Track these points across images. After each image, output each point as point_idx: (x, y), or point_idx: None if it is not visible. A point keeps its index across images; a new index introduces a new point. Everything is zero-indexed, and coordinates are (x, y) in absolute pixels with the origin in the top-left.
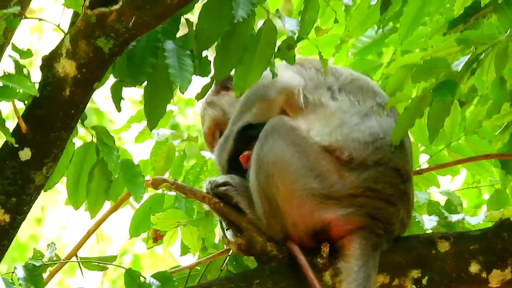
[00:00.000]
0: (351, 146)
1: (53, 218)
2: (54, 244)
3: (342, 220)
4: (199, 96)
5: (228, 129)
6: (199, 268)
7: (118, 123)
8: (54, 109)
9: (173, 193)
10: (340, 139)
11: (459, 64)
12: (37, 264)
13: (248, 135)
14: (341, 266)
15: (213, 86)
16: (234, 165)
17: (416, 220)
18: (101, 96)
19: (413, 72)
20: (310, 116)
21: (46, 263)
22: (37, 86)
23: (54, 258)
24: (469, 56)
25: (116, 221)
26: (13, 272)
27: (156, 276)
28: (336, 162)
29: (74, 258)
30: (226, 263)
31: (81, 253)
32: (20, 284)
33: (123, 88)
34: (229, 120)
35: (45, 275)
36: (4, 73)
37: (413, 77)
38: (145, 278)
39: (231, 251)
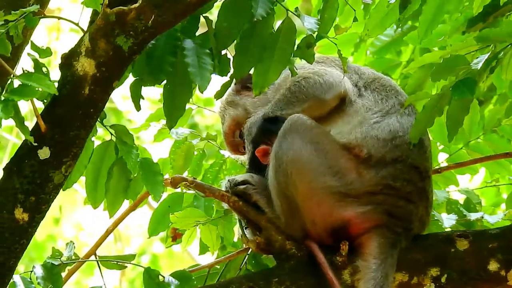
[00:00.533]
0: (370, 143)
1: (71, 217)
2: (73, 243)
3: (361, 217)
4: (218, 95)
5: (258, 115)
6: (218, 267)
7: (136, 123)
8: (73, 108)
9: (192, 191)
10: (359, 136)
11: (478, 63)
12: (56, 263)
13: (268, 129)
14: (360, 264)
15: (233, 85)
16: (252, 158)
17: (435, 218)
18: (119, 96)
19: (433, 70)
20: (334, 114)
21: (64, 262)
22: (56, 85)
23: (73, 257)
24: (488, 54)
25: (134, 220)
26: (31, 271)
27: (175, 275)
28: (354, 159)
29: (92, 257)
30: (245, 262)
31: (99, 252)
32: (38, 283)
33: (142, 87)
34: None
35: (63, 274)
36: (23, 71)
37: (433, 75)
38: (164, 277)
39: (250, 249)
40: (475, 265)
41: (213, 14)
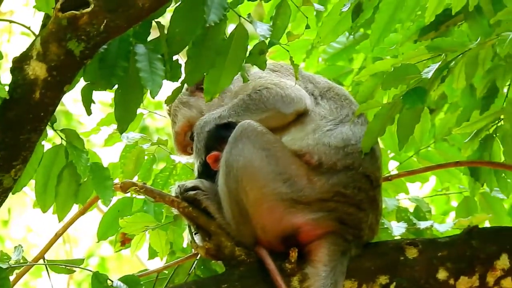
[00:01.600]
0: (321, 150)
1: (20, 219)
2: (22, 247)
3: (312, 224)
4: (169, 100)
5: (212, 117)
6: (166, 272)
7: (87, 126)
8: (24, 112)
9: (142, 196)
10: (311, 143)
11: (429, 71)
12: (4, 266)
13: (220, 135)
14: (309, 271)
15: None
16: (203, 164)
17: (385, 226)
18: (70, 98)
19: (384, 79)
20: (290, 123)
21: (13, 265)
22: (7, 88)
23: (21, 261)
24: (439, 63)
25: (83, 223)
26: None
27: (123, 279)
28: (305, 166)
29: (41, 261)
30: (194, 267)
31: (48, 254)
32: None
33: (94, 91)
34: None
35: (11, 278)
36: None
37: (384, 83)
38: (112, 281)
39: (199, 255)
40: (425, 273)
41: (166, 18)
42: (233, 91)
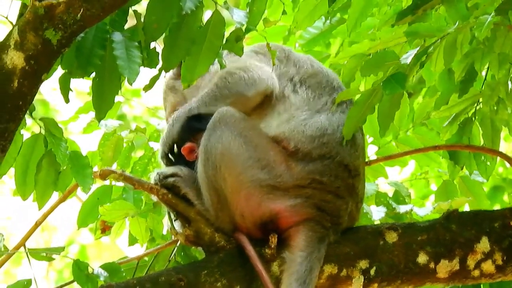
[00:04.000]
0: (297, 137)
1: None
2: (2, 235)
3: (290, 211)
4: (147, 88)
5: (182, 111)
6: (147, 259)
7: (64, 114)
8: (2, 101)
9: (121, 184)
10: (287, 131)
11: (408, 57)
12: None
13: (193, 127)
14: (286, 256)
15: (174, 69)
16: (179, 156)
17: (364, 211)
18: (47, 87)
19: (362, 65)
20: (263, 109)
21: None
22: None
23: (2, 249)
24: (418, 48)
25: (62, 211)
26: None
27: (104, 267)
28: (283, 152)
29: (22, 249)
30: (174, 254)
31: (27, 242)
32: None
33: (71, 79)
34: None
35: None
36: None
37: (362, 70)
38: (93, 269)
39: (179, 242)
40: (404, 257)
41: (142, 6)
42: (211, 74)
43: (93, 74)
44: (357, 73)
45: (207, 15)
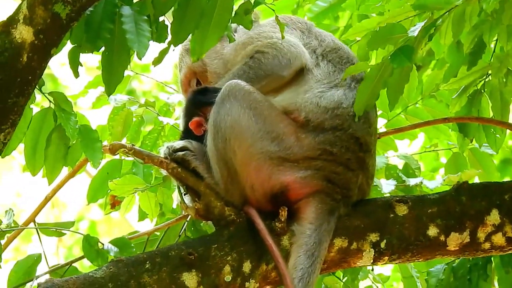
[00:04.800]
0: (309, 108)
1: (8, 184)
2: (12, 211)
3: (300, 182)
4: (156, 62)
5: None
6: (157, 233)
7: (73, 89)
8: (12, 76)
9: (130, 158)
10: (300, 101)
11: (415, 30)
12: None
13: (200, 101)
14: (295, 228)
15: None
16: (187, 130)
17: (374, 184)
18: (56, 62)
19: (370, 39)
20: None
21: (4, 229)
22: None
23: (12, 225)
24: (426, 21)
25: (72, 187)
26: None
27: (114, 242)
28: (293, 124)
29: (31, 224)
30: (184, 229)
31: (37, 219)
32: None
33: (81, 53)
34: (207, 69)
35: (2, 242)
36: None
37: (370, 44)
38: (103, 244)
39: (189, 216)
40: (415, 230)
41: None
42: (235, 43)
43: (103, 49)
44: (373, 53)
45: None
